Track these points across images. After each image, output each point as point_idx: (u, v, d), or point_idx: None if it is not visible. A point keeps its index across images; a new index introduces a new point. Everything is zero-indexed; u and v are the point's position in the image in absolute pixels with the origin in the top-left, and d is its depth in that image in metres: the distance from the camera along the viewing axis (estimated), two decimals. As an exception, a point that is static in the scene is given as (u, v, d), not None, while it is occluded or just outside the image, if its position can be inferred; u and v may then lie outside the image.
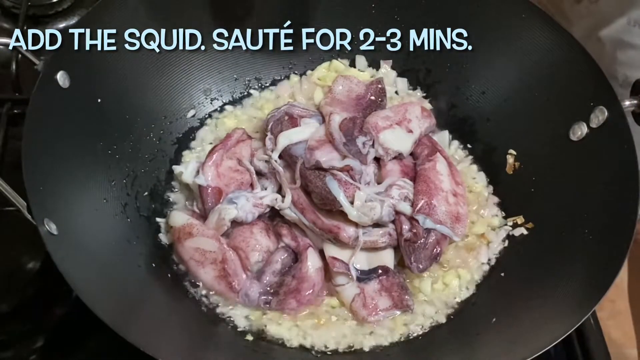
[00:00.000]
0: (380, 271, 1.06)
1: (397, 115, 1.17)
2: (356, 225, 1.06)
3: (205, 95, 1.25)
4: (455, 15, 1.20)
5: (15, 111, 1.17)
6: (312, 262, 1.05)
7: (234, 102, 1.27)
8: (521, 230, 1.13)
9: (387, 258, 1.09)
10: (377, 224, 1.08)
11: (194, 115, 1.24)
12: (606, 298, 0.90)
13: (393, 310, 1.04)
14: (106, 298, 0.89)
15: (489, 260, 1.12)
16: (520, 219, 1.14)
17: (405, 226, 1.07)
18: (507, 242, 1.13)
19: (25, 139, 0.93)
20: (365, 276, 1.06)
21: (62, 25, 1.36)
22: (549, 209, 1.11)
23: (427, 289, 1.08)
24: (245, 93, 1.28)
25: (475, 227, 1.14)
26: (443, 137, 1.23)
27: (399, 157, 1.15)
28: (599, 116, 1.05)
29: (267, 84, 1.29)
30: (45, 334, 1.03)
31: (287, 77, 1.30)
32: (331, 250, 1.07)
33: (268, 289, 1.04)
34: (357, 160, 1.09)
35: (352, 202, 1.05)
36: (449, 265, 1.11)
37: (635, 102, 1.04)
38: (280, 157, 1.12)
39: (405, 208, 1.08)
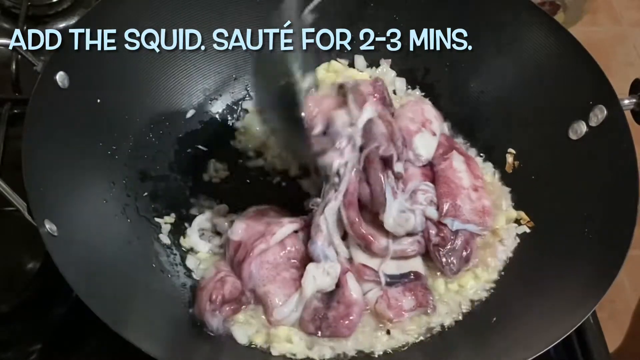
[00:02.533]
0: (412, 276, 1.05)
1: (417, 116, 1.15)
2: (387, 235, 1.05)
3: (204, 95, 1.25)
4: (455, 15, 1.20)
5: (15, 111, 1.17)
6: (353, 286, 1.03)
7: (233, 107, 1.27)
8: (523, 229, 1.13)
9: (417, 264, 1.08)
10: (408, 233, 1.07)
11: (193, 116, 1.24)
12: (606, 298, 0.90)
13: (418, 310, 1.04)
14: (106, 298, 0.89)
15: (507, 258, 1.11)
16: (523, 217, 1.14)
17: (432, 231, 1.07)
18: (518, 239, 1.13)
19: (25, 140, 0.93)
20: (396, 280, 1.05)
21: (62, 25, 1.36)
22: (549, 208, 1.11)
23: (441, 288, 1.07)
24: (245, 94, 1.28)
25: (494, 221, 1.13)
26: (442, 130, 1.22)
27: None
28: (598, 115, 1.05)
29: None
30: (45, 334, 1.02)
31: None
32: (360, 257, 1.06)
33: (315, 314, 1.01)
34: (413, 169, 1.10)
35: None
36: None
37: (634, 100, 1.04)
38: None
39: (433, 213, 1.08)
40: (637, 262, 1.33)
